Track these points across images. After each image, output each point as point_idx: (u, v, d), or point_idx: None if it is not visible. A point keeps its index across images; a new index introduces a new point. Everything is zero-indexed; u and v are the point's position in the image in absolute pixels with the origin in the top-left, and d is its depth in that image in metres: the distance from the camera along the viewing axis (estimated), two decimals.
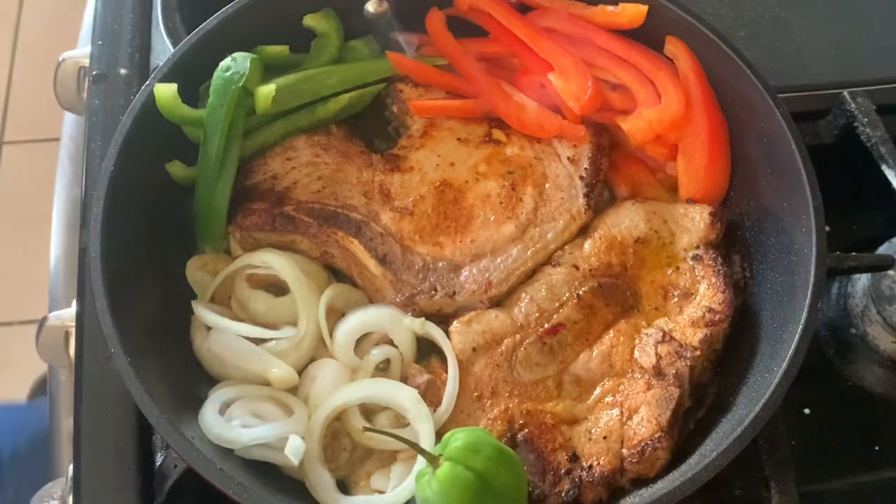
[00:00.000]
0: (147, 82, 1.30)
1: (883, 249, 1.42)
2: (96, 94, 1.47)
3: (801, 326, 1.14)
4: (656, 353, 1.20)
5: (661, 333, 1.22)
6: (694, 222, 1.31)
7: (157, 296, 1.24)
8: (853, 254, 1.34)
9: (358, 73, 1.41)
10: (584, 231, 1.33)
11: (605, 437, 1.17)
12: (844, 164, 1.39)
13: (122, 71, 1.49)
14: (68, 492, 1.20)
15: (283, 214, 1.29)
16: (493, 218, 1.32)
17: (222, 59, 1.30)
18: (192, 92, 1.33)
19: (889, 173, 1.39)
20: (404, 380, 1.23)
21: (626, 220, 1.31)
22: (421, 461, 1.12)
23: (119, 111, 1.43)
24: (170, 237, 1.29)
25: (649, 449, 1.15)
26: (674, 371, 1.19)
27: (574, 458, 1.17)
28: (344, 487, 1.19)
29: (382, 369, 1.26)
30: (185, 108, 1.29)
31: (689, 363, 1.19)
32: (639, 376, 1.21)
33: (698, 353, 1.20)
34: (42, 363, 1.48)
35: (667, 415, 1.16)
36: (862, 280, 1.43)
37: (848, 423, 1.39)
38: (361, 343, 1.26)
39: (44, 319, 1.39)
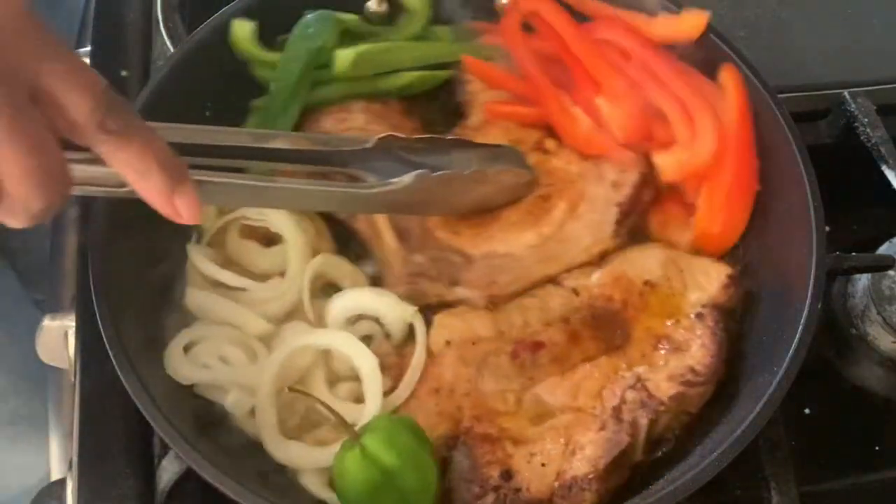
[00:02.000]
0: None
1: (883, 249, 1.42)
2: None
3: (801, 326, 1.14)
4: (622, 397, 1.16)
5: (635, 379, 1.17)
6: (709, 279, 1.25)
7: (157, 295, 1.24)
8: (853, 254, 1.34)
9: (436, 54, 1.41)
10: (599, 259, 1.28)
11: (543, 465, 1.13)
12: (844, 164, 1.39)
13: (123, 72, 1.49)
14: (68, 492, 1.20)
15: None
16: (516, 222, 1.30)
17: (296, 14, 1.36)
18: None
19: (889, 173, 1.40)
20: None
21: (643, 260, 1.26)
22: None
23: None
24: (170, 237, 1.29)
25: (576, 488, 1.10)
26: (631, 419, 1.15)
27: (507, 475, 1.12)
28: None
29: None
30: (259, 49, 1.35)
31: (650, 416, 1.15)
32: (598, 414, 1.16)
33: (663, 408, 1.16)
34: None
35: (606, 459, 1.11)
36: (862, 280, 1.43)
37: (848, 423, 1.39)
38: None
39: (44, 319, 1.39)
